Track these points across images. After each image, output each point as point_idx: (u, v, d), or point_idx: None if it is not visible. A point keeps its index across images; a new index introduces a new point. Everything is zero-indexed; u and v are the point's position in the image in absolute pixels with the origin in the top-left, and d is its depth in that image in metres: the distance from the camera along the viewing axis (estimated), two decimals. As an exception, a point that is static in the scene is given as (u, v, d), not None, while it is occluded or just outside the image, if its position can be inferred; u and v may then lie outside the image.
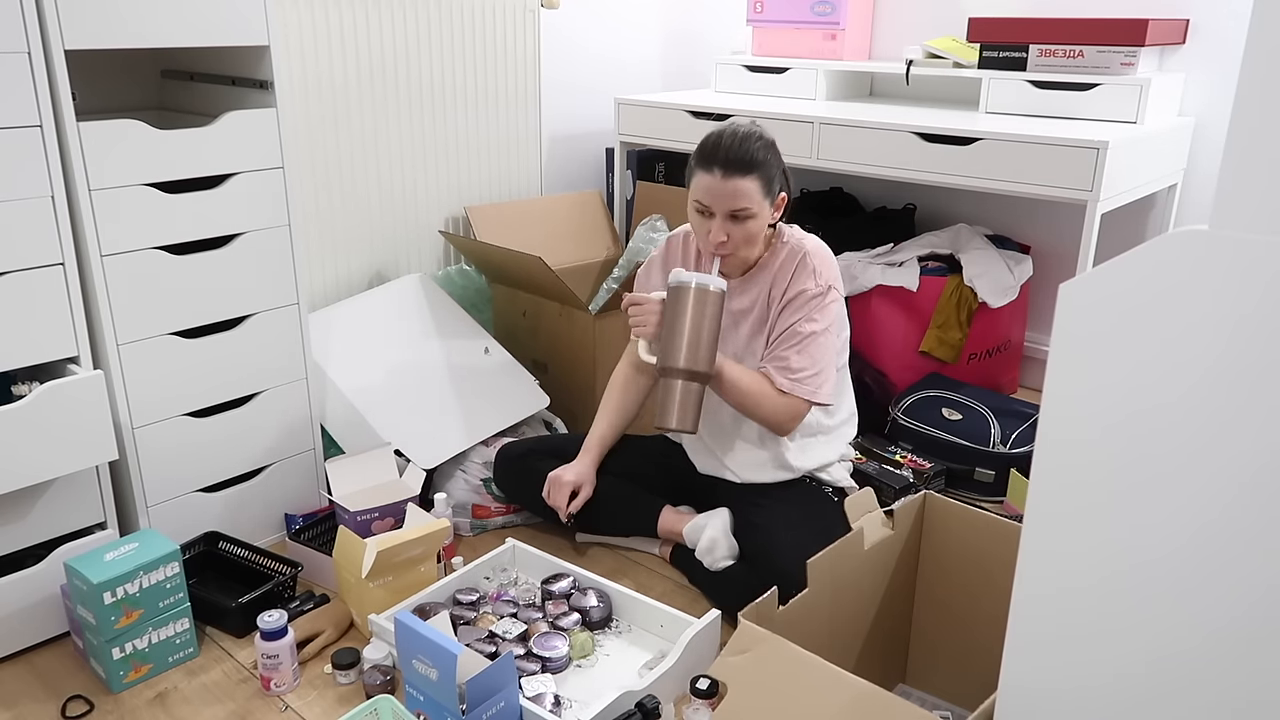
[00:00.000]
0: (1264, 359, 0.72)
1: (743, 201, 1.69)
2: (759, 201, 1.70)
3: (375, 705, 1.40)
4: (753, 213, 1.71)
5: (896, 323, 2.53)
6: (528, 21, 2.76)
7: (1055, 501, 0.86)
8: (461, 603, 1.74)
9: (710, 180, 1.69)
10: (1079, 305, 0.80)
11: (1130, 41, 2.30)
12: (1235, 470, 0.75)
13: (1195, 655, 0.81)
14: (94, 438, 1.63)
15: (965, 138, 2.22)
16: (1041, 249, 2.73)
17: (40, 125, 1.55)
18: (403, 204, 2.61)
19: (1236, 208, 0.72)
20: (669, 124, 2.79)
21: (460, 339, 2.36)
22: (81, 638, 1.64)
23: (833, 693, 1.15)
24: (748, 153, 1.68)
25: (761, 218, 1.73)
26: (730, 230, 1.72)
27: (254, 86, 1.86)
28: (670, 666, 1.54)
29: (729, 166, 1.68)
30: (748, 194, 1.69)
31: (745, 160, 1.68)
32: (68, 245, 1.62)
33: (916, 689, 1.60)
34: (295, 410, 2.01)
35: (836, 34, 2.83)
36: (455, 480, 2.09)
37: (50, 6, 1.52)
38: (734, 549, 1.79)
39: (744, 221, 1.71)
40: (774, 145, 1.74)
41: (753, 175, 1.68)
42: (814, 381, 1.75)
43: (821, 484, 1.89)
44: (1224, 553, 0.77)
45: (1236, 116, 0.72)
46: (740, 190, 1.68)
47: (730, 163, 1.68)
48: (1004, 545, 1.41)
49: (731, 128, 1.73)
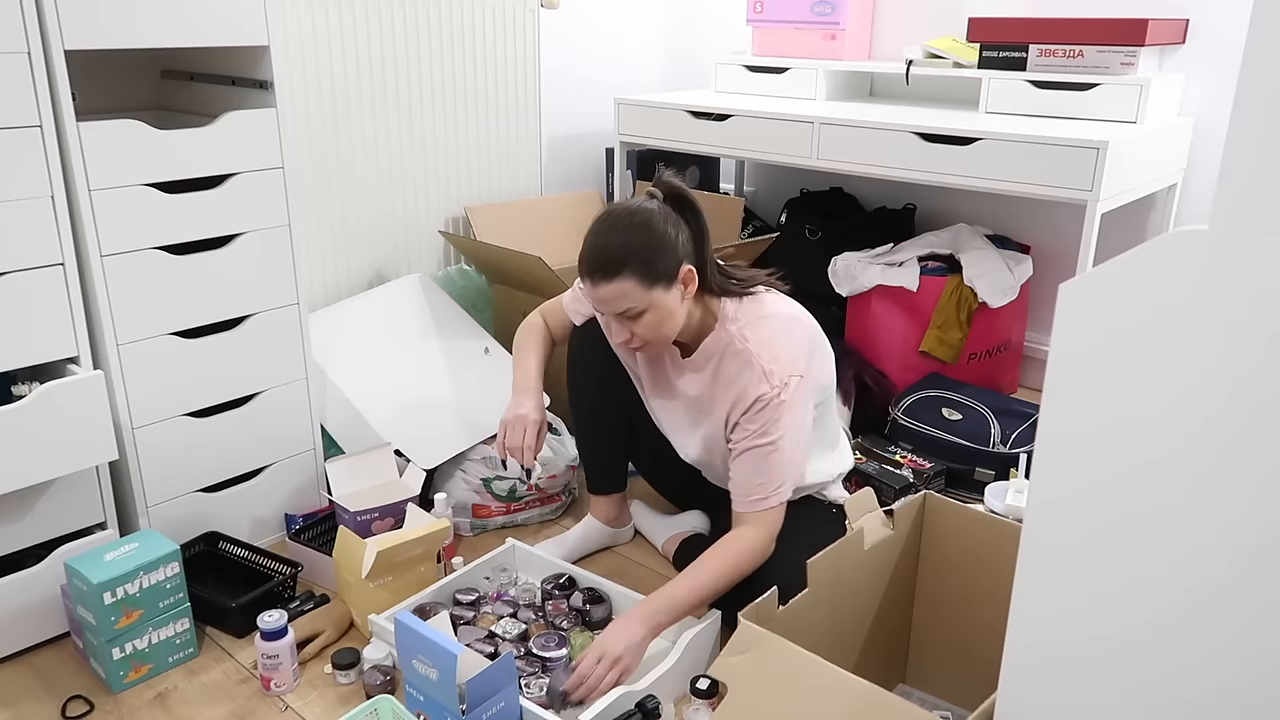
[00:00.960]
0: (1264, 359, 0.72)
1: (623, 303, 1.54)
2: (642, 297, 1.53)
3: (375, 705, 1.40)
4: (640, 309, 1.54)
5: (896, 323, 2.53)
6: (528, 21, 2.76)
7: (1055, 501, 0.86)
8: (461, 603, 1.74)
9: (587, 288, 1.57)
10: (1079, 305, 0.80)
11: (1130, 41, 2.30)
12: (1235, 469, 0.75)
13: (1197, 657, 0.81)
14: (94, 438, 1.63)
15: (965, 138, 2.22)
16: (1041, 249, 2.73)
17: (40, 125, 1.55)
18: (403, 204, 2.61)
19: (1236, 208, 0.72)
20: (669, 124, 2.79)
21: (460, 339, 2.36)
22: (81, 638, 1.64)
23: (833, 693, 1.15)
24: (610, 252, 1.52)
25: (659, 307, 1.55)
26: (630, 327, 1.57)
27: (254, 86, 1.86)
28: (670, 666, 1.54)
29: (592, 274, 1.54)
30: (623, 295, 1.53)
31: (607, 263, 1.52)
32: (68, 245, 1.62)
33: (916, 689, 1.60)
34: (295, 410, 2.01)
35: (836, 34, 2.83)
36: (455, 480, 2.09)
37: (50, 6, 1.52)
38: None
39: (639, 318, 1.56)
40: (647, 222, 1.53)
41: (620, 276, 1.51)
42: (780, 491, 1.59)
43: (820, 498, 1.88)
44: (1223, 551, 0.77)
45: (1236, 116, 0.71)
46: (612, 295, 1.53)
47: (593, 271, 1.54)
48: (1004, 545, 1.41)
49: (603, 220, 1.57)
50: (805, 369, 1.61)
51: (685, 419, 1.77)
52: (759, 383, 1.57)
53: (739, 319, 1.63)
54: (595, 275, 1.54)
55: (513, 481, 2.08)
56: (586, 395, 1.91)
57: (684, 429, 1.79)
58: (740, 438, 1.61)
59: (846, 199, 3.06)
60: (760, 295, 1.68)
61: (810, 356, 1.64)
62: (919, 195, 2.91)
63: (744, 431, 1.60)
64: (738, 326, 1.63)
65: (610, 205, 1.62)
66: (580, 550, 1.98)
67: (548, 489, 2.12)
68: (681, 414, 1.78)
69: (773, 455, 1.58)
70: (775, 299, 1.69)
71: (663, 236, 1.54)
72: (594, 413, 1.91)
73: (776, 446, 1.58)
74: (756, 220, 3.12)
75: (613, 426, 1.91)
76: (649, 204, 1.57)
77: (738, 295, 1.66)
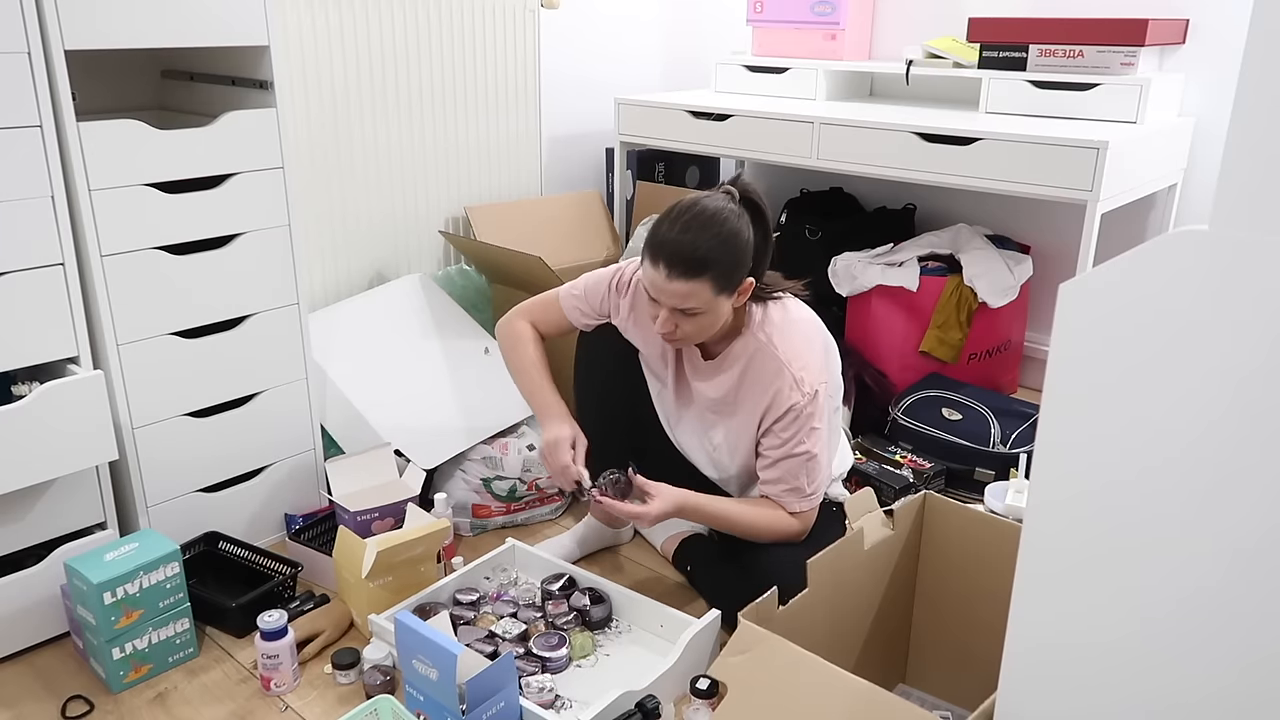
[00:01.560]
0: (1266, 360, 0.72)
1: (691, 302, 1.53)
2: (710, 300, 1.53)
3: (375, 705, 1.40)
4: (702, 310, 1.55)
5: (896, 323, 2.53)
6: (528, 21, 2.76)
7: (1055, 504, 0.86)
8: (461, 603, 1.74)
9: (656, 276, 1.53)
10: (1079, 305, 0.80)
11: (1130, 41, 2.30)
12: (1237, 472, 0.75)
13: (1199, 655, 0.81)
14: (94, 438, 1.63)
15: (965, 138, 2.22)
16: (1041, 249, 2.73)
17: (40, 125, 1.55)
18: (403, 204, 2.61)
19: (1236, 208, 0.72)
20: (669, 124, 2.79)
21: (460, 339, 2.36)
22: (81, 638, 1.64)
23: (833, 693, 1.15)
24: (697, 252, 1.50)
25: (715, 313, 1.56)
26: (679, 322, 1.57)
27: (254, 86, 1.86)
28: (670, 666, 1.54)
29: (674, 267, 1.50)
30: (696, 295, 1.52)
31: (694, 262, 1.50)
32: (68, 245, 1.62)
33: (916, 689, 1.60)
34: (295, 410, 2.01)
35: (836, 34, 2.83)
36: (455, 480, 2.09)
37: (50, 6, 1.52)
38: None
39: (694, 316, 1.56)
40: (741, 224, 1.53)
41: (700, 279, 1.50)
42: (822, 487, 1.68)
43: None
44: (1223, 556, 0.77)
45: (1236, 116, 0.71)
46: (687, 293, 1.52)
47: (674, 264, 1.50)
48: (1004, 545, 1.41)
49: (693, 212, 1.53)
50: (828, 376, 1.66)
51: (699, 421, 1.78)
52: (791, 391, 1.61)
53: (766, 325, 1.65)
54: (675, 270, 1.51)
55: (513, 481, 2.08)
56: (593, 399, 1.91)
57: (697, 431, 1.79)
58: (773, 445, 1.65)
59: (846, 199, 3.06)
60: (783, 300, 1.69)
61: (827, 363, 1.68)
62: (919, 195, 2.91)
63: (778, 439, 1.64)
64: (766, 333, 1.65)
65: (695, 199, 1.55)
66: (582, 550, 1.98)
67: (548, 489, 2.13)
68: (695, 417, 1.78)
69: (809, 463, 1.64)
70: (796, 305, 1.71)
71: (745, 250, 1.54)
72: (600, 416, 1.91)
73: (811, 454, 1.63)
74: (756, 220, 3.11)
75: (619, 430, 1.90)
76: (734, 207, 1.55)
77: (763, 300, 1.68)
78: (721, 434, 1.75)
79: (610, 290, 1.79)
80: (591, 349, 1.89)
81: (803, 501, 1.66)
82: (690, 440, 1.81)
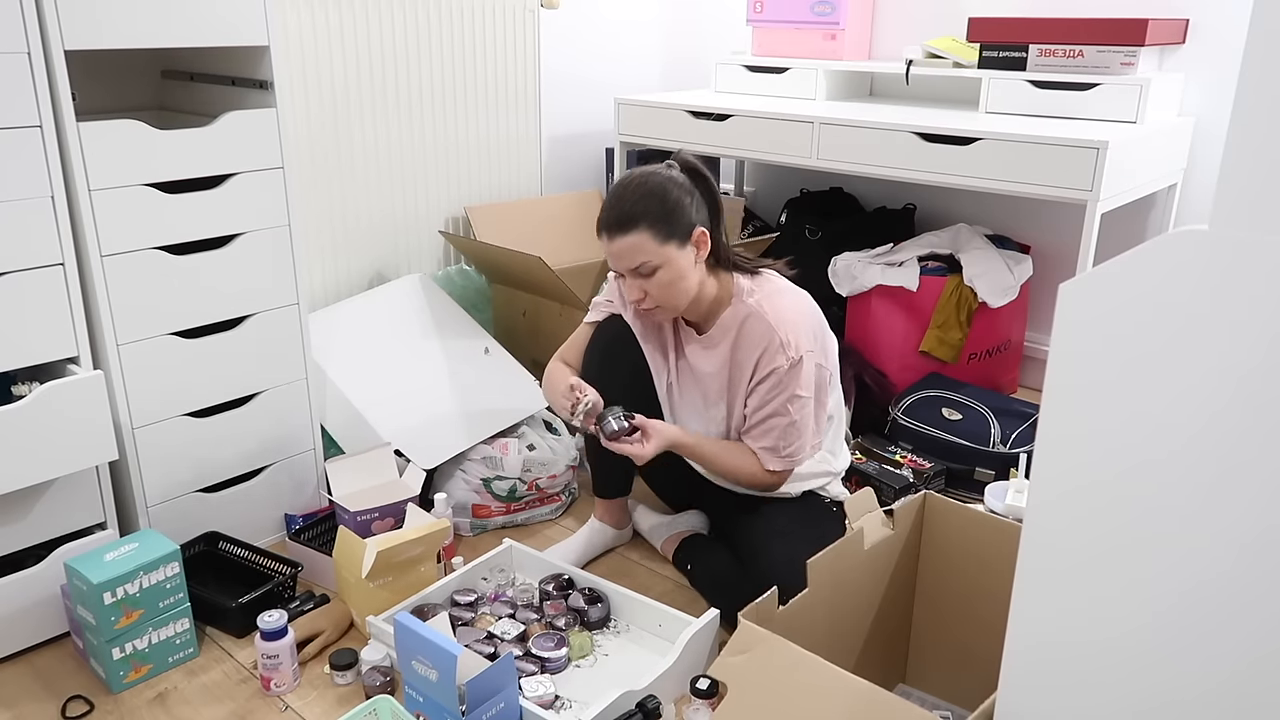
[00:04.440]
0: (1265, 359, 0.72)
1: (638, 257, 1.61)
2: (656, 251, 1.61)
3: (374, 705, 1.40)
4: (654, 265, 1.62)
5: (896, 323, 2.53)
6: (527, 21, 2.76)
7: (1055, 502, 0.86)
8: (459, 604, 1.74)
9: (605, 247, 1.65)
10: (1079, 305, 0.80)
11: (1130, 41, 2.30)
12: (1236, 469, 0.75)
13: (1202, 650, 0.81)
14: (94, 438, 1.63)
15: (965, 138, 2.22)
16: (1041, 249, 2.73)
17: (40, 125, 1.55)
18: (403, 204, 2.61)
19: (1236, 208, 0.72)
20: (669, 124, 2.79)
21: (460, 339, 2.36)
22: (81, 638, 1.64)
23: (833, 693, 1.15)
24: (623, 209, 1.61)
25: (672, 265, 1.62)
26: (644, 286, 1.64)
27: (254, 86, 1.86)
28: (670, 666, 1.54)
29: (609, 228, 1.63)
30: (638, 248, 1.61)
31: (622, 218, 1.61)
32: (68, 245, 1.62)
33: (916, 689, 1.60)
34: (295, 410, 2.01)
35: (836, 34, 2.83)
36: (455, 480, 2.09)
37: (50, 6, 1.52)
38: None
39: (652, 275, 1.63)
40: (663, 183, 1.62)
41: (636, 230, 1.60)
42: (801, 453, 1.73)
43: (820, 496, 1.88)
44: (1223, 552, 0.77)
45: (1236, 116, 0.71)
46: (627, 248, 1.61)
47: (610, 224, 1.63)
48: (1004, 545, 1.41)
49: (623, 180, 1.66)
50: (815, 344, 1.70)
51: (700, 401, 1.81)
52: (777, 353, 1.66)
53: (755, 293, 1.71)
54: (611, 229, 1.62)
55: (513, 481, 2.08)
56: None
57: (698, 410, 1.82)
58: (756, 405, 1.70)
59: (846, 199, 3.06)
60: (768, 275, 1.76)
61: (818, 333, 1.73)
62: (919, 195, 2.91)
63: (760, 399, 1.69)
64: (755, 299, 1.70)
65: (627, 173, 1.69)
66: (589, 553, 1.97)
67: (547, 489, 2.13)
68: (697, 396, 1.81)
69: (789, 428, 1.69)
70: (786, 282, 1.77)
71: (677, 198, 1.63)
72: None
73: (792, 420, 1.68)
74: (756, 220, 3.12)
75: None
76: (664, 170, 1.66)
77: (749, 273, 1.75)
78: (721, 410, 1.78)
79: (614, 284, 1.88)
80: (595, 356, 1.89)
81: (778, 461, 1.71)
82: (695, 425, 1.83)
